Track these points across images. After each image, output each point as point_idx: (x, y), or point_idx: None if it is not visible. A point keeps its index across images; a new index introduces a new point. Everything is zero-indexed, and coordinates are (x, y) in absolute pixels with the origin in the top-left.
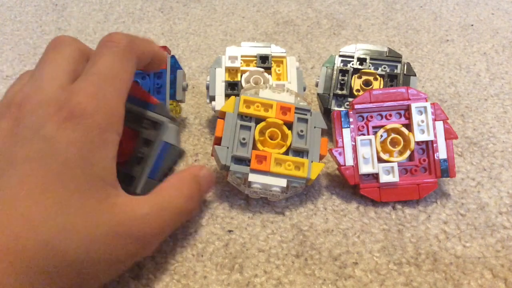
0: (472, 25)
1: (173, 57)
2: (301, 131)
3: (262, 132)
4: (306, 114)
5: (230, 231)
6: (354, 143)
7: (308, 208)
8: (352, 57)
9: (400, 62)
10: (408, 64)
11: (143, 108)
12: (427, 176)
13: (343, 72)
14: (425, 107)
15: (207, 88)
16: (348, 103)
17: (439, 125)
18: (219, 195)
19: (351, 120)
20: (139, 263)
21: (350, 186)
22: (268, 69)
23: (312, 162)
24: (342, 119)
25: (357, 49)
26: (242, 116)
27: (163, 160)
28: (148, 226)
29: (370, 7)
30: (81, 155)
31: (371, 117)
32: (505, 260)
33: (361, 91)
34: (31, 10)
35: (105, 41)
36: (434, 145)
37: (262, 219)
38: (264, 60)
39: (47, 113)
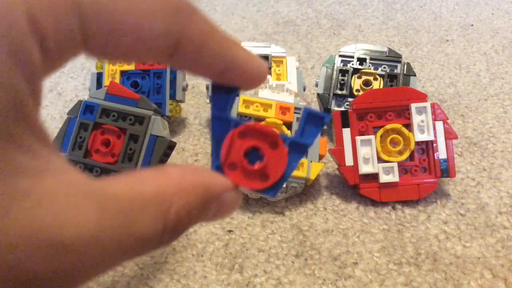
0: (472, 25)
1: None
2: None
3: None
4: None
5: (230, 231)
6: (354, 143)
7: (308, 208)
8: (352, 57)
9: (400, 62)
10: (408, 64)
11: (126, 105)
12: (427, 176)
13: (343, 72)
14: (425, 107)
15: (207, 88)
16: (348, 103)
17: (439, 125)
18: None
19: (351, 120)
20: (139, 262)
21: (350, 186)
22: (268, 69)
23: (311, 162)
24: (342, 119)
25: (357, 49)
26: (242, 116)
27: (152, 153)
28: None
29: (370, 7)
30: None
31: (371, 117)
32: (505, 260)
33: (361, 91)
34: None
35: None
36: (434, 145)
37: (262, 219)
38: (264, 60)
39: None
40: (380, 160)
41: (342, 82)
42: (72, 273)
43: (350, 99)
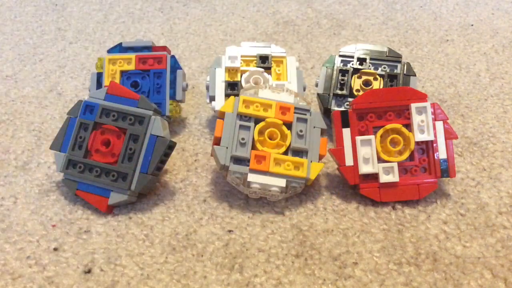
0: (472, 25)
1: (173, 57)
2: (301, 131)
3: (261, 132)
4: (305, 114)
5: (230, 231)
6: (354, 143)
7: (308, 208)
8: (352, 57)
9: (400, 62)
10: (408, 64)
11: (126, 105)
12: (427, 176)
13: (343, 72)
14: (425, 107)
15: (207, 88)
16: (348, 103)
17: (439, 125)
18: (219, 195)
19: (351, 120)
20: (139, 262)
21: (350, 186)
22: (268, 69)
23: (311, 162)
24: (342, 119)
25: (357, 49)
26: (242, 116)
27: (153, 153)
28: None
29: (370, 7)
30: None
31: (371, 117)
32: (505, 260)
33: (361, 91)
34: (31, 10)
35: None
36: (434, 145)
37: (262, 219)
38: (264, 60)
39: None
40: (380, 160)
41: (342, 82)
42: None
43: (350, 99)
